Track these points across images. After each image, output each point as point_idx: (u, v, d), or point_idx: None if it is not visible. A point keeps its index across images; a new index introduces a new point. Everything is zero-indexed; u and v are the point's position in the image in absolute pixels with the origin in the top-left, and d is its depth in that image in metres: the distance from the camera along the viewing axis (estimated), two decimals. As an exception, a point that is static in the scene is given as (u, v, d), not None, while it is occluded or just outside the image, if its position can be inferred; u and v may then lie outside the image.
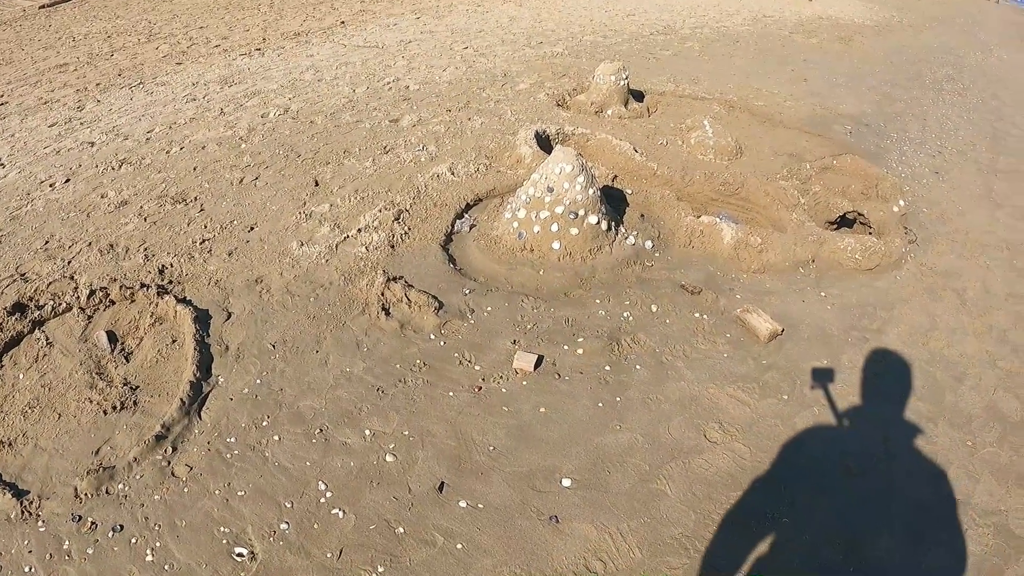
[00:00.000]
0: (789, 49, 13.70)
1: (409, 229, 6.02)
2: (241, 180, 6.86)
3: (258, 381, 4.38)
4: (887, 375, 4.99)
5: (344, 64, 11.50)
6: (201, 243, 5.71)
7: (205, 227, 5.97)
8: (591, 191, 5.66)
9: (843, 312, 5.98)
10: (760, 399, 4.60)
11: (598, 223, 5.76)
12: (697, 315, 5.48)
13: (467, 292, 5.31)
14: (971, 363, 5.15)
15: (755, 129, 9.18)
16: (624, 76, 9.53)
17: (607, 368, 4.80)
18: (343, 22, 14.91)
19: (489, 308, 5.18)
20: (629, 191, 7.03)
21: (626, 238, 5.99)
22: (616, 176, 7.32)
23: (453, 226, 6.20)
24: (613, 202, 6.48)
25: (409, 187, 6.76)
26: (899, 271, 6.79)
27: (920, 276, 6.77)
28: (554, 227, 5.69)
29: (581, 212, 5.67)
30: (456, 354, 4.70)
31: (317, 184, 6.81)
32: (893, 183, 8.19)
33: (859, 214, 7.59)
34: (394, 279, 5.28)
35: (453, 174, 7.05)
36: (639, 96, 9.94)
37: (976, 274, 6.94)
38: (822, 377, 4.85)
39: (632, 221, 6.37)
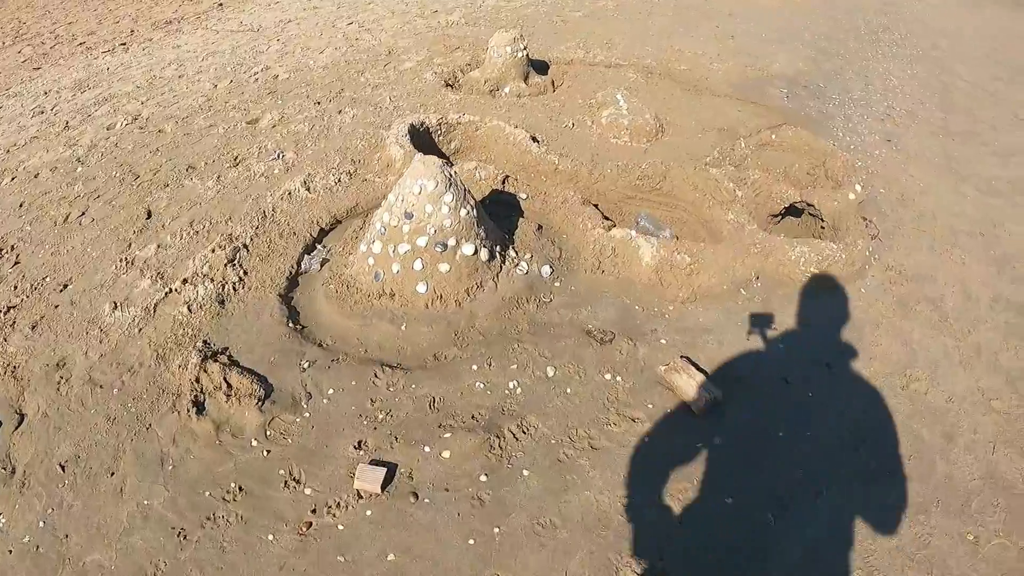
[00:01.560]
0: (713, 3, 12.08)
1: (246, 273, 4.75)
2: (66, 218, 5.57)
3: (42, 523, 3.32)
4: (865, 443, 3.99)
5: (212, 54, 9.85)
6: (5, 313, 4.52)
7: (15, 288, 4.77)
8: (464, 212, 4.32)
9: (799, 350, 4.64)
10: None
11: (475, 253, 4.43)
12: (609, 377, 4.20)
13: (306, 366, 4.06)
14: (962, 408, 4.23)
15: (678, 99, 7.79)
16: (523, 46, 8.01)
17: (483, 478, 3.56)
18: (220, 3, 13.23)
19: (332, 390, 3.94)
20: (523, 195, 5.66)
21: (516, 265, 4.73)
22: (508, 176, 5.84)
23: (300, 264, 4.89)
24: (504, 212, 5.40)
25: (254, 212, 5.42)
26: (863, 280, 5.45)
27: (889, 285, 5.48)
28: (417, 264, 4.36)
29: (451, 242, 4.33)
30: (282, 470, 3.53)
31: (149, 216, 5.53)
32: (845, 161, 6.76)
33: (808, 204, 6.17)
34: (215, 355, 4.06)
35: (308, 189, 5.71)
36: (543, 68, 8.60)
37: (953, 273, 5.75)
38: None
39: (526, 239, 5.03)
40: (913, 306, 5.26)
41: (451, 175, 4.24)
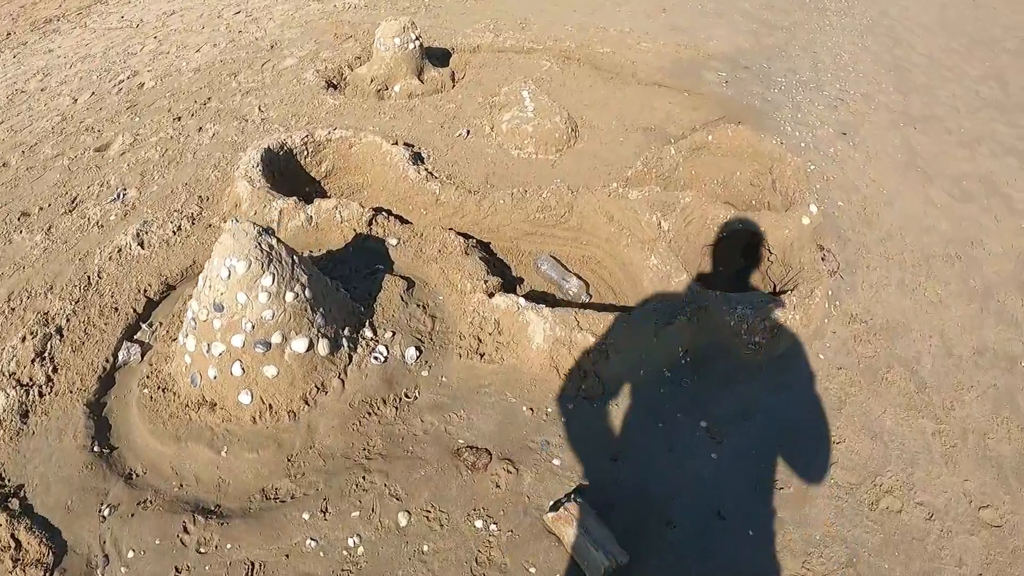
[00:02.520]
0: (647, -31, 10.52)
1: (56, 370, 3.57)
2: None
3: None
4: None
5: (83, 59, 8.40)
6: None
7: None
8: (292, 296, 3.17)
9: (739, 465, 3.53)
10: None
11: (311, 348, 3.29)
12: (480, 524, 3.03)
13: (105, 514, 2.96)
14: (945, 528, 3.42)
15: (599, 90, 6.56)
16: (414, 36, 6.64)
17: None
18: None
19: (132, 551, 2.84)
20: (393, 241, 4.39)
21: (372, 352, 3.55)
22: (377, 214, 4.58)
23: (117, 355, 3.68)
24: (368, 262, 4.23)
25: (77, 278, 4.18)
26: (822, 342, 4.33)
27: (853, 345, 4.37)
28: (236, 368, 3.19)
29: (276, 338, 3.17)
30: None
31: (-38, 290, 4.00)
32: (795, 167, 5.57)
33: (753, 233, 4.91)
34: (6, 499, 2.99)
35: (142, 244, 4.45)
36: (443, 58, 7.40)
37: (929, 319, 4.70)
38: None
39: (390, 307, 3.84)
40: (884, 374, 4.20)
41: (271, 248, 3.11)
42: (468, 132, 5.91)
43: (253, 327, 3.09)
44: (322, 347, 3.32)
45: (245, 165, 5.04)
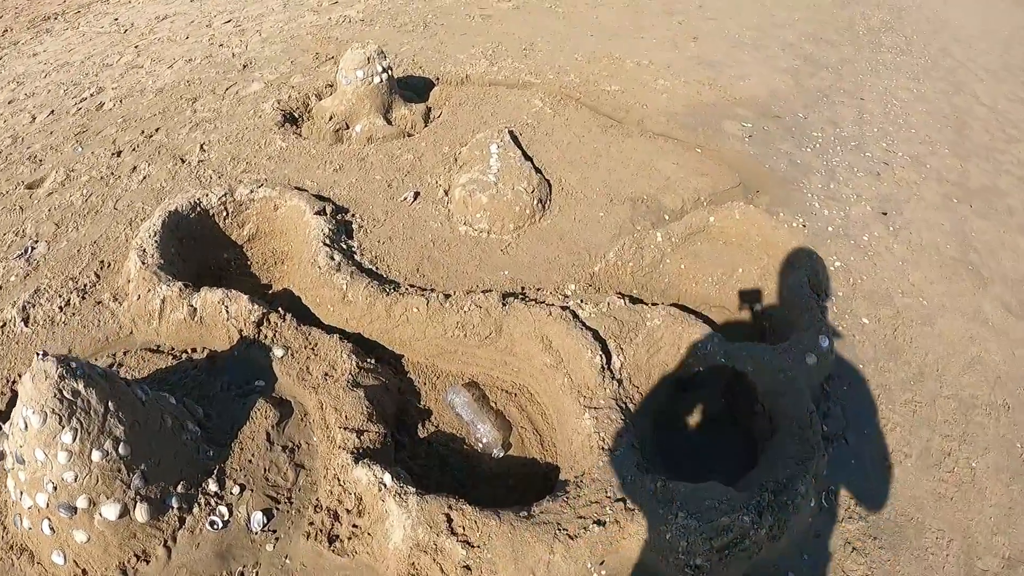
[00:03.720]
0: (681, -12, 9.03)
1: None
2: None
3: None
4: None
5: (60, 67, 7.57)
6: None
7: None
8: (99, 455, 2.61)
9: None
10: None
11: (125, 515, 2.68)
12: None
13: None
14: None
15: (592, 142, 5.36)
16: (381, 68, 5.54)
17: None
18: None
19: None
20: (279, 352, 3.52)
21: (210, 513, 2.83)
22: (270, 313, 3.73)
23: None
24: (246, 376, 3.47)
25: None
26: (797, 560, 3.07)
27: (842, 559, 3.15)
28: (45, 526, 2.66)
29: (82, 503, 2.61)
30: None
31: None
32: (810, 269, 4.33)
33: (736, 375, 3.72)
34: None
35: (27, 320, 3.74)
36: (424, 89, 6.28)
37: (951, 512, 3.47)
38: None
39: (250, 447, 3.09)
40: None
41: (75, 396, 2.49)
42: (416, 195, 4.78)
43: (55, 488, 2.57)
44: (140, 513, 2.72)
45: (143, 233, 4.08)
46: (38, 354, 2.61)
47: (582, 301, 3.71)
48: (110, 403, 2.57)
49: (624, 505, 2.82)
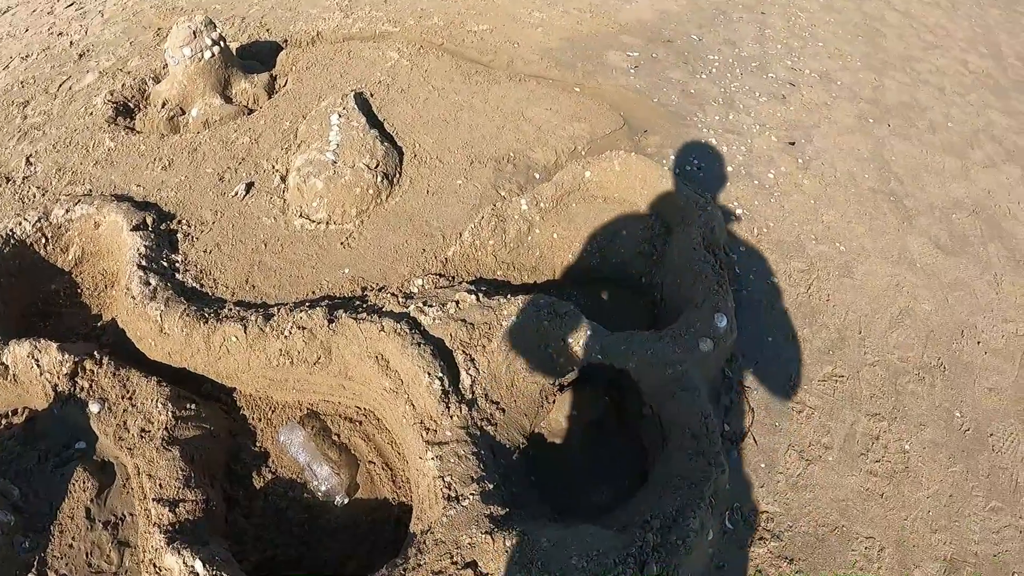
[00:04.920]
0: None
1: None
2: None
3: None
4: None
5: None
6: None
7: None
8: None
9: None
10: None
11: None
12: None
13: None
14: None
15: (453, 95, 4.62)
16: (210, 41, 4.73)
17: None
18: None
19: None
20: (95, 408, 3.00)
21: None
22: (87, 359, 3.18)
23: None
24: (65, 440, 3.09)
25: None
26: None
27: None
28: None
29: None
30: None
31: None
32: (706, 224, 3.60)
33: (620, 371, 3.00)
34: None
35: None
36: (271, 54, 5.44)
37: (883, 518, 3.00)
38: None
39: (71, 528, 2.79)
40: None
41: None
42: (248, 188, 4.14)
43: None
44: None
45: None
46: None
47: (425, 303, 3.14)
48: None
49: (473, 573, 2.27)
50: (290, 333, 3.09)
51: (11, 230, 3.82)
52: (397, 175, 3.99)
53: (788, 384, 3.24)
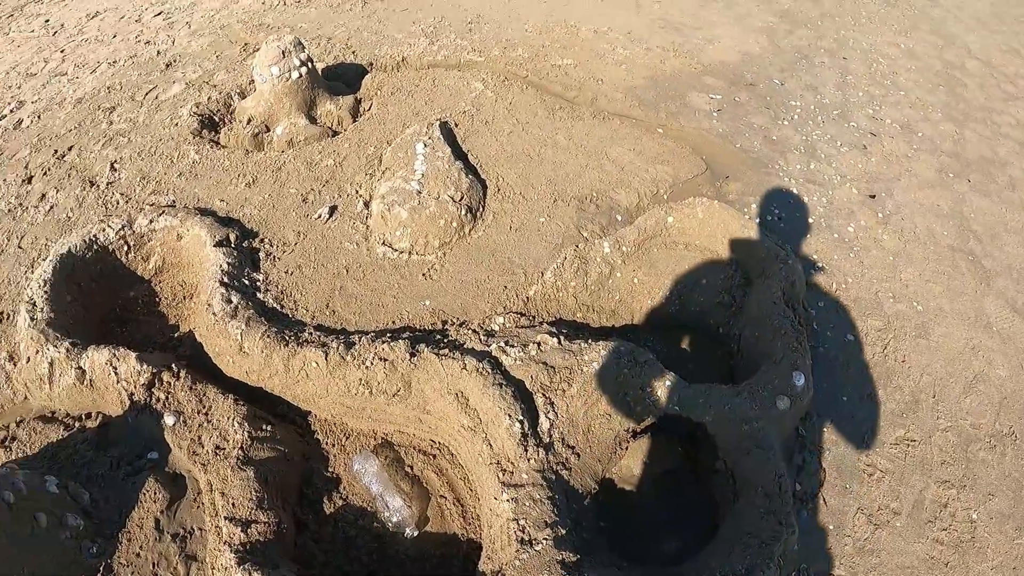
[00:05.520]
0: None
1: None
2: None
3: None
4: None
5: None
6: None
7: None
8: None
9: None
10: None
11: None
12: None
13: None
14: None
15: (538, 129, 4.62)
16: (299, 62, 4.77)
17: None
18: None
19: None
20: (169, 421, 3.02)
21: None
22: (164, 370, 3.19)
23: None
24: (139, 445, 3.14)
25: None
26: None
27: None
28: None
29: None
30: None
31: None
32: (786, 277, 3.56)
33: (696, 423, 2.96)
34: None
35: None
36: (356, 77, 5.50)
37: None
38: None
39: (139, 537, 2.85)
40: None
41: None
42: (332, 211, 4.17)
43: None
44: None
45: (34, 283, 3.55)
46: None
47: (507, 343, 3.12)
48: None
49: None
50: (371, 364, 3.10)
51: (95, 235, 3.89)
52: (480, 209, 3.96)
53: (860, 446, 3.21)
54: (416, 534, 2.96)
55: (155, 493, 2.75)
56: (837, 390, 3.38)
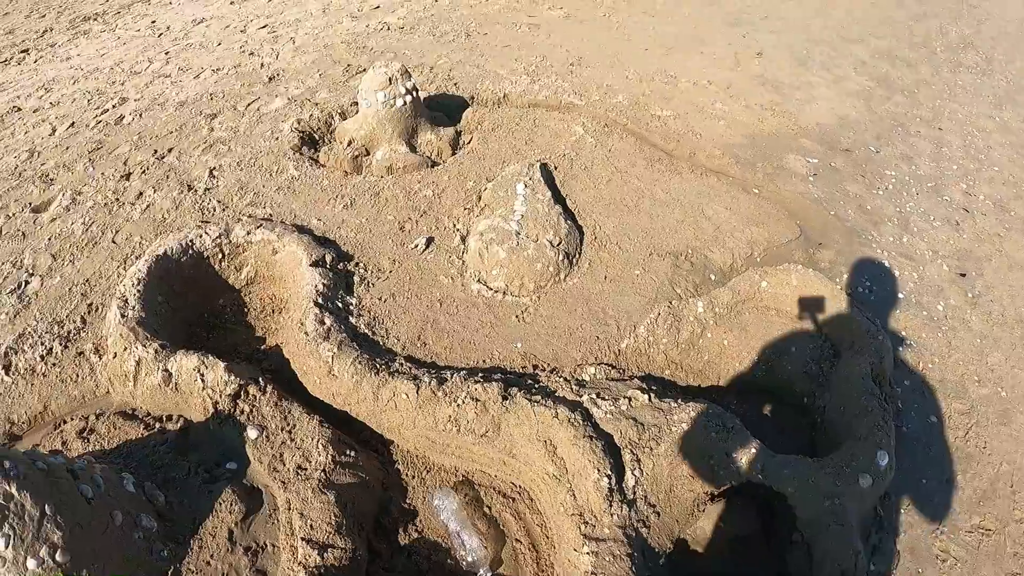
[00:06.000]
0: (748, -1, 7.83)
1: None
2: None
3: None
4: None
5: (88, 75, 7.02)
6: None
7: None
8: (36, 563, 2.34)
9: None
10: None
11: None
12: None
13: None
14: None
15: (635, 179, 4.69)
16: (404, 90, 4.86)
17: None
18: None
19: None
20: (252, 434, 3.11)
21: None
22: (247, 384, 3.23)
23: None
24: (217, 454, 3.14)
25: None
26: None
27: None
28: None
29: None
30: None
31: None
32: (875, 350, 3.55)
33: (770, 491, 2.96)
34: None
35: (7, 368, 3.42)
36: (457, 109, 5.55)
37: None
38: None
39: (211, 546, 2.81)
40: None
41: (7, 500, 2.24)
42: (428, 243, 4.21)
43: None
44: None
45: (127, 280, 3.66)
46: (-26, 449, 2.16)
47: (598, 395, 3.11)
48: (47, 507, 2.30)
49: None
50: (463, 402, 3.10)
51: (191, 240, 3.96)
52: (577, 255, 4.05)
53: (936, 530, 3.23)
54: None
55: (231, 504, 2.75)
56: (917, 472, 3.39)
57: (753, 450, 2.91)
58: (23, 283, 4.02)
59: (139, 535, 2.52)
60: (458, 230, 4.25)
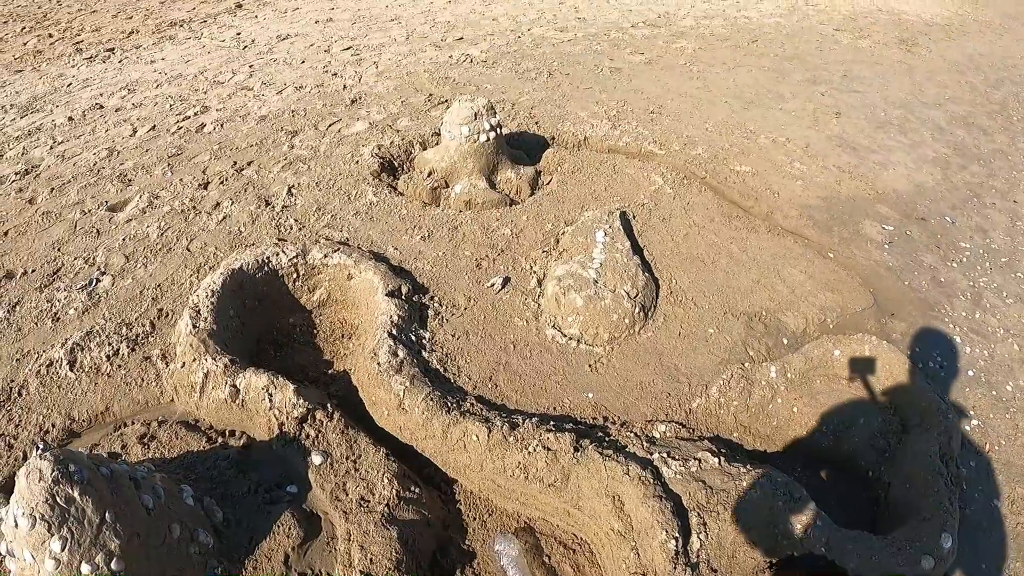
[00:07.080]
0: (828, 55, 8.60)
1: None
2: None
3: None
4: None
5: (172, 79, 7.27)
6: None
7: None
8: (90, 568, 2.39)
9: None
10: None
11: None
12: None
13: None
14: None
15: (713, 235, 4.70)
16: (488, 126, 4.88)
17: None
18: (239, 4, 10.63)
19: None
20: (317, 460, 3.17)
21: None
22: (317, 408, 3.28)
23: None
24: (279, 475, 3.12)
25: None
26: None
27: None
28: None
29: None
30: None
31: None
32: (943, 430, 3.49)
33: (829, 563, 2.88)
34: None
35: (72, 365, 3.56)
36: (536, 149, 5.63)
37: None
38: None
39: (264, 568, 2.74)
40: None
41: (69, 504, 2.27)
42: (505, 282, 4.21)
43: (42, 600, 2.09)
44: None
45: (201, 291, 3.70)
46: (36, 447, 2.30)
47: (668, 454, 3.07)
48: (107, 513, 2.32)
49: None
50: (534, 450, 3.11)
51: (267, 257, 3.97)
52: (652, 308, 4.09)
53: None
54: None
55: (290, 528, 2.73)
56: (977, 556, 3.40)
57: (819, 522, 2.90)
58: (94, 280, 4.12)
59: (195, 550, 2.52)
60: (535, 272, 4.18)
